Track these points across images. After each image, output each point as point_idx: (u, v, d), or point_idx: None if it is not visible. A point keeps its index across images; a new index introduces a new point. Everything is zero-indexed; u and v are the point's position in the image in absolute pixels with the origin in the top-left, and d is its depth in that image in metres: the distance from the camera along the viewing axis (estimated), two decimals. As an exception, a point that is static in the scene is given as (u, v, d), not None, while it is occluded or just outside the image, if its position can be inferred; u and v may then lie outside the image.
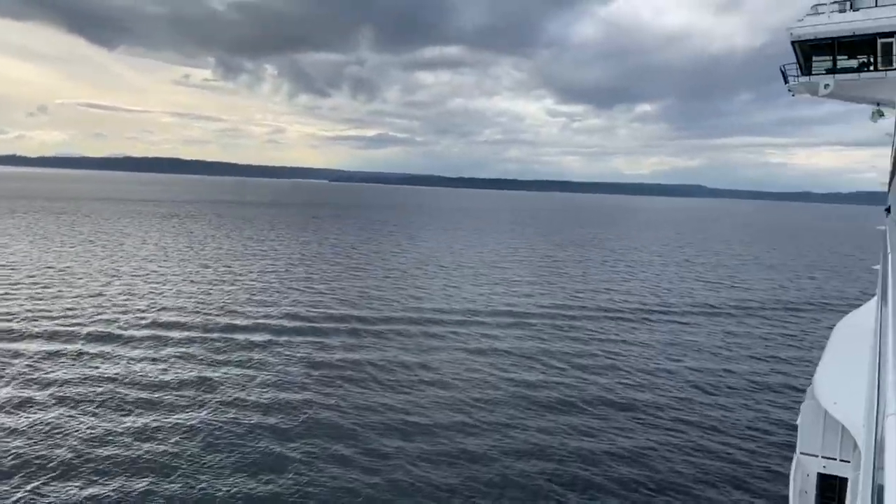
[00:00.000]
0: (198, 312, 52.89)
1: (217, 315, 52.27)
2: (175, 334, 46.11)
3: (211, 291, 62.06)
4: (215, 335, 46.21)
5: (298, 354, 42.55)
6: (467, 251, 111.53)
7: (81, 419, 30.47)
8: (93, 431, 29.11)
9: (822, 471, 16.70)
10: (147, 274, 70.80)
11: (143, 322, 48.87)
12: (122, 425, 29.98)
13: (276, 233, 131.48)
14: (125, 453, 26.99)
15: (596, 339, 49.73)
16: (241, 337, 46.22)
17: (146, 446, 27.73)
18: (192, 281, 67.64)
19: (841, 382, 16.37)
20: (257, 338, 46.09)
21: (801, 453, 17.01)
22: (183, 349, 42.55)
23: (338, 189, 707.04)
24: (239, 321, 50.58)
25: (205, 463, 26.50)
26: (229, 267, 79.05)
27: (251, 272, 75.23)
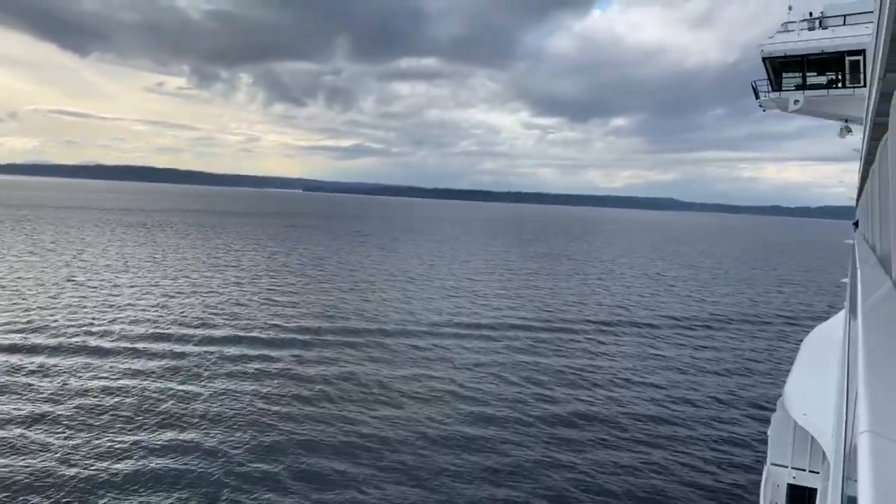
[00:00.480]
0: (152, 323, 51.43)
1: (171, 327, 50.77)
2: (126, 346, 44.98)
3: (168, 304, 60.39)
4: (170, 347, 45.13)
5: (250, 368, 41.44)
6: (437, 263, 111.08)
7: (34, 436, 29.84)
8: (50, 448, 28.51)
9: (792, 481, 16.92)
10: (101, 285, 69.12)
11: (93, 334, 47.53)
12: (74, 441, 29.32)
13: (240, 244, 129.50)
14: (83, 473, 26.46)
15: (564, 352, 49.11)
16: (196, 349, 44.84)
17: (104, 465, 27.19)
18: (149, 292, 66.15)
19: (810, 394, 16.58)
20: (212, 349, 45.09)
21: (772, 464, 17.22)
22: (136, 362, 41.38)
23: (311, 199, 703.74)
24: (194, 332, 49.45)
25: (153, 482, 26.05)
26: (189, 278, 77.47)
27: (210, 283, 73.83)
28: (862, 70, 28.92)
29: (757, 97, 33.22)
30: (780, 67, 31.30)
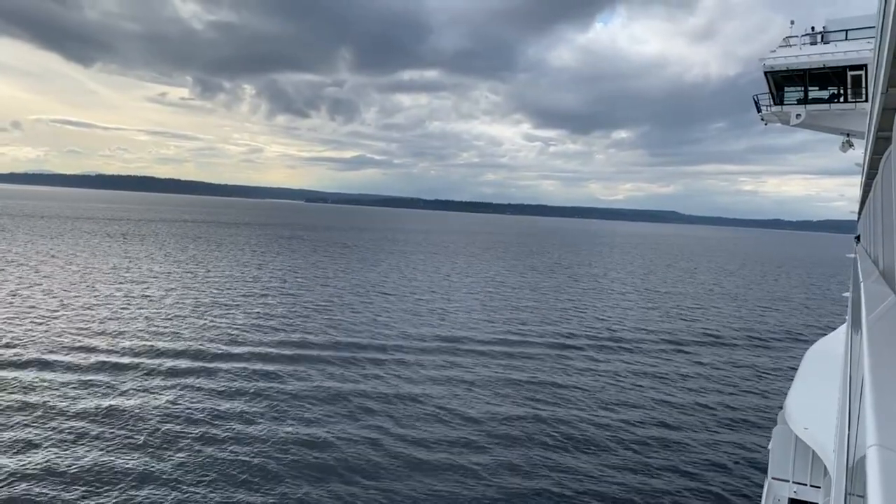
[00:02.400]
0: (142, 337, 51.49)
1: (157, 341, 50.66)
2: (115, 360, 44.29)
3: (155, 317, 60.64)
4: (155, 362, 44.26)
5: (240, 382, 41.80)
6: (433, 275, 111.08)
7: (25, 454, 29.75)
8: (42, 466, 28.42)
9: (793, 496, 16.84)
10: (95, 297, 69.31)
11: (86, 348, 46.78)
12: (65, 459, 29.27)
13: (238, 255, 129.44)
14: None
15: (560, 369, 48.46)
16: (186, 364, 44.55)
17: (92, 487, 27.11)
18: (139, 305, 66.30)
19: (811, 408, 16.53)
20: (195, 364, 44.43)
21: (773, 478, 17.14)
22: (125, 377, 41.09)
23: (312, 210, 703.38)
24: (180, 346, 48.79)
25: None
26: (177, 290, 77.66)
27: (201, 296, 73.85)
28: (864, 84, 29.02)
29: (759, 111, 33.33)
30: (781, 81, 31.41)
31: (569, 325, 66.41)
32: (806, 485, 16.83)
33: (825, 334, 27.87)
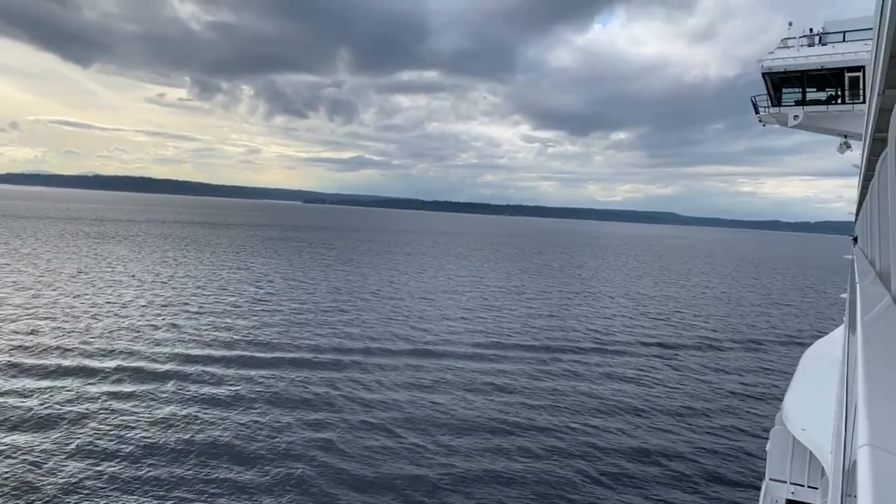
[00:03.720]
0: (127, 340, 51.75)
1: (136, 343, 51.09)
2: (98, 364, 44.63)
3: (136, 319, 60.78)
4: (135, 365, 44.57)
5: (229, 388, 41.85)
6: (417, 277, 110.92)
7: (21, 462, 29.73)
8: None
9: (791, 497, 16.84)
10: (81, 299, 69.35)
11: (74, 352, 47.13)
12: (70, 470, 29.22)
13: (216, 257, 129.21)
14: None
15: (559, 374, 48.55)
16: (171, 368, 45.20)
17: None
18: (120, 305, 66.34)
19: (809, 409, 16.55)
20: (187, 369, 44.79)
21: (770, 479, 17.14)
22: (116, 382, 41.28)
23: (308, 211, 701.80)
24: (160, 350, 48.90)
25: None
26: (159, 292, 77.67)
27: (185, 297, 73.95)
28: (861, 86, 29.07)
29: (757, 112, 33.38)
30: (779, 83, 31.46)
31: (560, 328, 66.40)
32: (803, 486, 16.83)
33: (822, 336, 27.90)
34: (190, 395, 37.54)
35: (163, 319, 57.61)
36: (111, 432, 31.31)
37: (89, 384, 38.47)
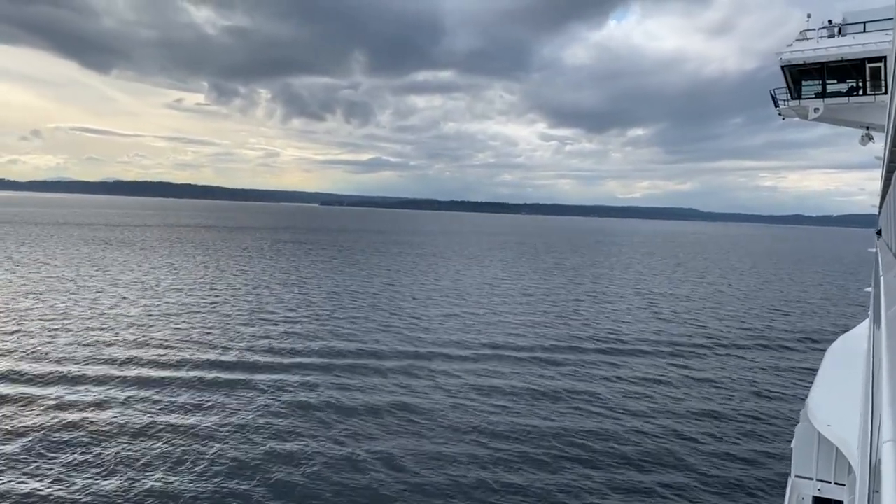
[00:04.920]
0: (146, 346, 52.07)
1: (155, 350, 51.21)
2: (127, 372, 44.65)
3: (186, 324, 61.10)
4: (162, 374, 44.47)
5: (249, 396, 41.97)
6: (427, 279, 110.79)
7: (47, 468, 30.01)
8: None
9: (818, 494, 16.61)
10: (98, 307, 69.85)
11: (98, 359, 46.96)
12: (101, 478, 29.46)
13: (225, 261, 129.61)
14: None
15: (578, 374, 48.41)
16: (198, 374, 45.23)
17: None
18: (164, 311, 66.73)
19: (834, 405, 16.32)
20: (223, 375, 44.84)
21: (796, 476, 16.91)
22: (143, 389, 41.33)
23: (324, 213, 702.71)
24: (186, 356, 48.93)
25: None
26: (174, 300, 78.06)
27: (203, 304, 74.28)
28: (883, 77, 28.66)
29: (776, 105, 32.98)
30: (799, 75, 31.05)
31: (578, 328, 66.17)
32: (830, 482, 16.60)
33: (846, 331, 27.52)
34: (261, 398, 37.89)
35: (193, 323, 58.25)
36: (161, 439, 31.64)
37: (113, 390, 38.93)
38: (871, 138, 31.21)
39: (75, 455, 28.96)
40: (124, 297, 70.05)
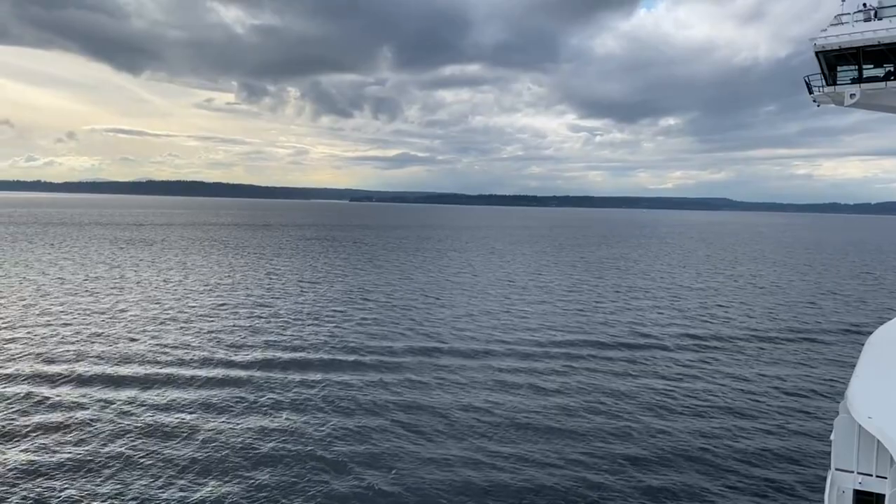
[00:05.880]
0: (180, 348, 52.27)
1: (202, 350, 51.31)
2: (166, 371, 44.17)
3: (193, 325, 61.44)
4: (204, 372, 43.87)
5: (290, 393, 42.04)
6: (465, 273, 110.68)
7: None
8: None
9: (859, 487, 16.26)
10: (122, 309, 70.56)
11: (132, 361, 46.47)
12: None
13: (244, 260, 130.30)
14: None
15: (618, 372, 47.60)
16: (230, 373, 45.43)
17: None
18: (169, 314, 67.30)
19: (875, 396, 15.99)
20: (249, 373, 44.73)
21: (836, 469, 16.58)
22: (173, 389, 41.37)
23: (352, 209, 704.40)
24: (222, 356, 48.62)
25: None
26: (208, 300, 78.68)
27: (227, 304, 74.63)
28: (922, 60, 27.92)
29: (810, 92, 32.25)
30: (834, 61, 30.32)
31: (614, 324, 65.75)
32: (872, 475, 16.26)
33: (885, 322, 26.93)
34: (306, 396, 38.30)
35: (235, 320, 59.01)
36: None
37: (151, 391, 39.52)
38: (910, 123, 30.43)
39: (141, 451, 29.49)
40: (157, 298, 71.12)
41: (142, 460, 28.69)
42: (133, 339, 50.79)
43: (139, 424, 33.03)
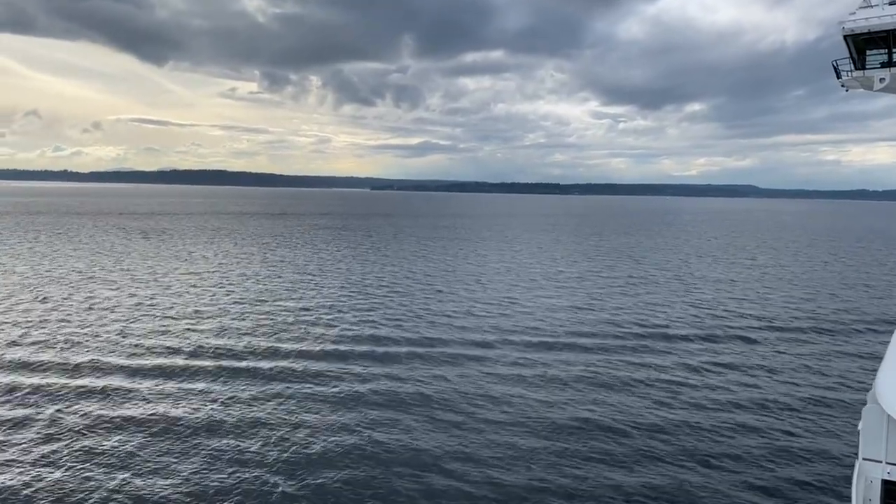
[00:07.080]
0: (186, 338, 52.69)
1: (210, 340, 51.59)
2: (183, 362, 43.75)
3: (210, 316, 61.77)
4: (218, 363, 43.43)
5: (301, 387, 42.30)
6: (479, 262, 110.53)
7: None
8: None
9: (887, 477, 16.10)
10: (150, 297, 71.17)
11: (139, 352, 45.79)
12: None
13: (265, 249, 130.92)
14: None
15: (623, 363, 46.78)
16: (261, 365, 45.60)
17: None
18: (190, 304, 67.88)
19: None
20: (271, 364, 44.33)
21: (864, 459, 16.41)
22: (187, 381, 40.98)
23: (373, 197, 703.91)
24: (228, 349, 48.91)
25: None
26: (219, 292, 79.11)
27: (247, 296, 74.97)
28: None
29: (839, 77, 31.71)
30: (863, 45, 29.74)
31: (639, 314, 65.39)
32: None
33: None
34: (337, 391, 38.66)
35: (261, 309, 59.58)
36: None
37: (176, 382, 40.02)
38: (942, 108, 29.84)
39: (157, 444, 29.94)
40: (167, 287, 71.88)
41: (175, 450, 29.14)
42: (136, 331, 51.40)
43: (144, 414, 33.50)
